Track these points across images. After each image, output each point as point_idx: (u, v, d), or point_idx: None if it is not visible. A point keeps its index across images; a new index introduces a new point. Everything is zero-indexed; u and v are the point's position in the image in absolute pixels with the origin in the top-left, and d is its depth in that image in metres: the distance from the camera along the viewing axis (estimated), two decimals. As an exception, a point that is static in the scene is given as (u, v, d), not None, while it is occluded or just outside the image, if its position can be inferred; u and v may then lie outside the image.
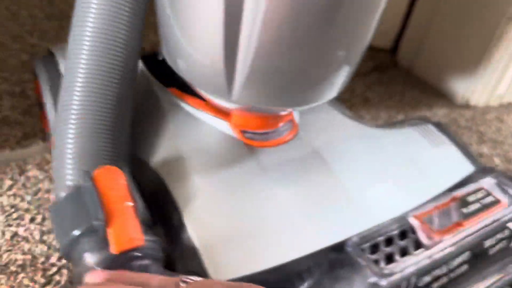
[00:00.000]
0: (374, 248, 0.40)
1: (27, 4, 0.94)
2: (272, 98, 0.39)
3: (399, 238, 0.41)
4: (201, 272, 0.37)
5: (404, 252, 0.40)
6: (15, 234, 0.47)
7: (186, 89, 0.49)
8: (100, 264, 0.34)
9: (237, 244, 0.38)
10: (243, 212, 0.41)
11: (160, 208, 0.42)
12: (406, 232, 0.42)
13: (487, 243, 0.43)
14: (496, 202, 0.45)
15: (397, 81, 0.91)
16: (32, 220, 0.48)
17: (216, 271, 0.36)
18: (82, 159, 0.38)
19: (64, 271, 0.44)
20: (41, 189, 0.51)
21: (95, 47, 0.39)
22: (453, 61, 0.84)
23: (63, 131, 0.39)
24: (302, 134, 0.49)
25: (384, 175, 0.47)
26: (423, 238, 0.40)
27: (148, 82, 0.50)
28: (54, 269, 0.44)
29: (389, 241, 0.41)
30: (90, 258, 0.34)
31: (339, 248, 0.40)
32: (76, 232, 0.35)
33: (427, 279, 0.39)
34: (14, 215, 0.48)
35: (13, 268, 0.43)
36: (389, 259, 0.39)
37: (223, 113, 0.47)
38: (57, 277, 0.43)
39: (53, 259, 0.45)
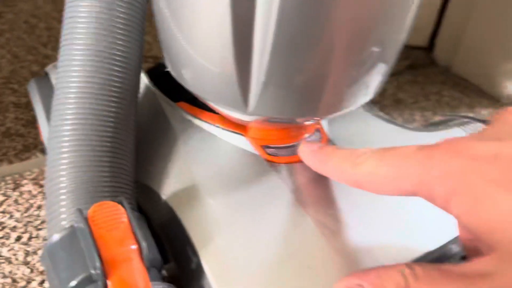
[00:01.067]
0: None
1: (45, 17, 0.95)
2: (297, 106, 0.33)
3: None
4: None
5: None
6: (-3, 255, 0.44)
7: (197, 103, 0.43)
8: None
9: (262, 280, 0.32)
10: (269, 243, 0.34)
11: (173, 242, 0.36)
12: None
13: None
14: None
15: (433, 80, 0.82)
16: (18, 239, 0.45)
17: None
18: (77, 193, 0.33)
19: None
20: (33, 205, 0.48)
21: (86, 64, 0.34)
22: (496, 56, 0.75)
23: (55, 161, 0.34)
24: (333, 144, 0.42)
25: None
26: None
27: (154, 97, 0.44)
28: (34, 294, 0.40)
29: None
30: (89, 314, 0.29)
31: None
32: (73, 283, 0.29)
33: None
34: (0, 234, 0.45)
35: (-12, 293, 0.40)
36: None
37: (241, 127, 0.41)
38: (35, 304, 0.39)
39: (34, 284, 0.40)
